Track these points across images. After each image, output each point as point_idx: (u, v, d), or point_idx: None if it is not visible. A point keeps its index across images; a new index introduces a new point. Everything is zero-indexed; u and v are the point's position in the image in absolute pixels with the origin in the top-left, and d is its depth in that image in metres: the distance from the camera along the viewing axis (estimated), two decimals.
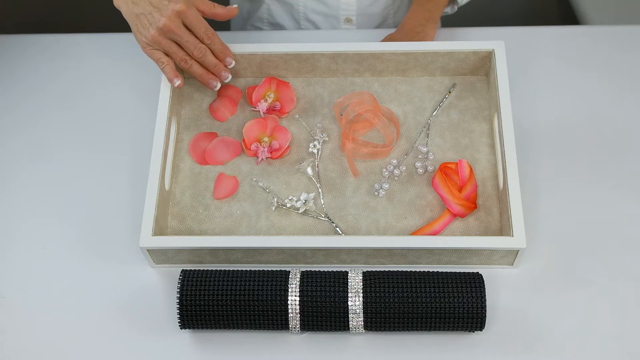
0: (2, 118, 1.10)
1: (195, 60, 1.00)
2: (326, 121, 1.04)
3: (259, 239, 0.90)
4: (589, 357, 0.89)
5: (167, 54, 0.99)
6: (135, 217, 0.99)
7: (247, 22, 1.35)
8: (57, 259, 0.97)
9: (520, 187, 0.93)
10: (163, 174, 0.96)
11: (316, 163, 1.01)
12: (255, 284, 0.87)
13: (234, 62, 1.02)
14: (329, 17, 1.26)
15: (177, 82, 1.00)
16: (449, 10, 1.19)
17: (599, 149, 1.04)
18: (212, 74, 1.01)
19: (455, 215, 0.96)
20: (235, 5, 1.03)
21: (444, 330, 0.88)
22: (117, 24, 1.09)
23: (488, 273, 0.94)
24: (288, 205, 0.97)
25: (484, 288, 0.86)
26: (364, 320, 0.87)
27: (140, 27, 0.97)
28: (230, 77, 1.02)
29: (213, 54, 1.01)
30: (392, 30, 1.17)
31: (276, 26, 1.31)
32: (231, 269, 0.92)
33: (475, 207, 0.96)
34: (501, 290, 0.93)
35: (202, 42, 0.99)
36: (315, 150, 1.01)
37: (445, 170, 0.98)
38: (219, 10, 1.01)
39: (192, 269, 0.90)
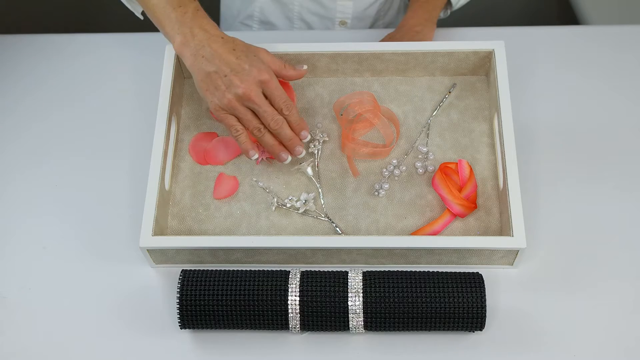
0: (2, 118, 1.10)
1: (269, 130, 0.94)
2: (326, 121, 1.04)
3: (259, 239, 0.90)
4: (589, 357, 0.89)
5: (239, 120, 0.93)
6: (135, 217, 0.99)
7: (237, 19, 1.33)
8: (57, 258, 0.97)
9: (520, 187, 0.93)
10: (163, 174, 0.96)
11: (316, 163, 1.01)
12: (255, 284, 0.87)
13: (309, 136, 0.96)
14: (324, 18, 1.26)
15: (255, 155, 0.94)
16: (441, 14, 1.19)
17: (599, 148, 1.04)
18: (285, 146, 0.95)
19: (455, 215, 0.96)
20: (305, 67, 0.98)
21: (444, 330, 0.88)
22: (117, 24, 1.09)
23: (488, 273, 0.94)
24: (288, 205, 0.97)
25: (484, 288, 0.86)
26: (364, 320, 0.87)
27: (211, 87, 0.91)
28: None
29: (289, 125, 0.94)
30: (385, 31, 1.16)
31: (267, 25, 1.30)
32: (231, 269, 0.92)
33: (475, 207, 0.96)
34: (501, 290, 0.93)
35: (280, 113, 0.93)
36: (315, 150, 1.01)
37: (445, 170, 0.98)
38: (290, 72, 0.96)
39: (192, 269, 0.90)
